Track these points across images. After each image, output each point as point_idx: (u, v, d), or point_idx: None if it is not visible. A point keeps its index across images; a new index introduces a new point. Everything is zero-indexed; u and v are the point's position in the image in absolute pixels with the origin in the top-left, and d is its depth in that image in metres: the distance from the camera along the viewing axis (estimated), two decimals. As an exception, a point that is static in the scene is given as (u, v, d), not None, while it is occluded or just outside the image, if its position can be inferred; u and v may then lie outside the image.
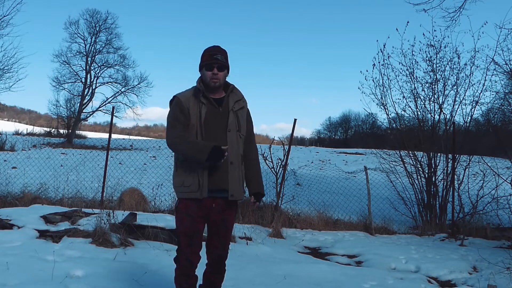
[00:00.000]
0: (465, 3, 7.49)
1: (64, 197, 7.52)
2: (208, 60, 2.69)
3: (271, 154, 7.58)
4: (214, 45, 2.81)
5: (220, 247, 2.77)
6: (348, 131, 61.76)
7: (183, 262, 2.69)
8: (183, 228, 2.71)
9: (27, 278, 3.47)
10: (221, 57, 2.70)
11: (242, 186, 2.76)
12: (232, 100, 2.76)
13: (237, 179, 2.69)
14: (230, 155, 2.64)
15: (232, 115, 2.72)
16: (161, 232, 5.15)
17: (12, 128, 34.63)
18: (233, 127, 2.70)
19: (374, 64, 8.16)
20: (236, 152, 2.69)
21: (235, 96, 2.79)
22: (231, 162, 2.66)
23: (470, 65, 7.75)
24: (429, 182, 7.81)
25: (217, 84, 2.69)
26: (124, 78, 34.95)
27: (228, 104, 2.74)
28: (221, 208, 2.70)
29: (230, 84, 2.82)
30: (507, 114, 8.40)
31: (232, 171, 2.66)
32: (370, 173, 8.03)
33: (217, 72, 2.67)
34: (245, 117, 2.82)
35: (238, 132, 2.73)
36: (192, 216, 2.67)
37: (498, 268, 4.74)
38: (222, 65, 2.69)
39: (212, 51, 2.73)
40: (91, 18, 34.03)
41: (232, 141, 2.68)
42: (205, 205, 2.65)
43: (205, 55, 2.73)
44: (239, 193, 2.72)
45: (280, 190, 7.48)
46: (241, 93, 2.84)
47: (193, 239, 2.70)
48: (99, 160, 12.38)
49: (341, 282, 4.24)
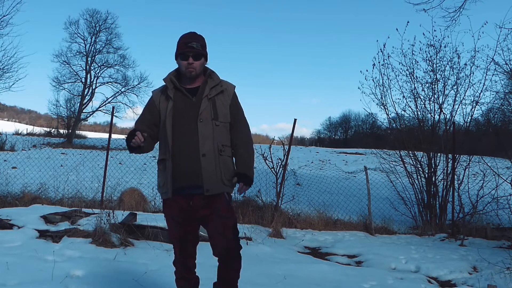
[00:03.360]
0: (465, 3, 7.51)
1: (64, 197, 7.52)
2: (182, 48, 2.52)
3: (271, 154, 7.58)
4: (190, 31, 2.61)
5: (221, 239, 2.54)
6: (348, 131, 61.80)
7: (179, 267, 2.65)
8: (172, 233, 2.64)
9: (27, 278, 3.47)
10: (197, 44, 2.52)
11: (222, 178, 2.52)
12: (208, 87, 2.58)
13: (213, 172, 2.48)
14: (201, 147, 2.46)
15: (206, 103, 2.53)
16: (161, 232, 5.14)
17: (12, 128, 34.66)
18: (206, 116, 2.51)
19: (374, 64, 8.16)
20: (210, 143, 2.49)
21: (212, 82, 2.60)
22: (203, 155, 2.46)
23: (470, 65, 7.75)
24: (429, 182, 7.81)
25: (193, 74, 2.54)
26: (124, 78, 35.05)
27: (204, 91, 2.56)
28: (204, 202, 2.51)
29: (207, 70, 2.64)
30: (507, 114, 8.40)
31: (205, 164, 2.46)
32: (370, 173, 8.03)
33: (193, 61, 2.51)
34: (227, 102, 2.61)
35: (213, 121, 2.52)
36: (176, 220, 2.57)
37: (498, 268, 4.74)
38: (197, 54, 2.52)
39: (187, 38, 2.54)
40: (91, 18, 34.12)
41: (205, 132, 2.49)
42: (183, 205, 2.51)
43: (180, 43, 2.55)
44: (217, 187, 2.50)
45: (280, 190, 7.48)
46: (219, 78, 2.65)
47: (184, 243, 2.61)
48: (99, 160, 12.38)
49: (341, 282, 4.24)
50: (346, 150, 35.33)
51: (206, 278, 2.76)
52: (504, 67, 7.29)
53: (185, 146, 2.49)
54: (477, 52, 7.58)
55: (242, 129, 2.67)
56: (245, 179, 2.60)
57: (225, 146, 2.57)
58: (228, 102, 2.61)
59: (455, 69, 7.88)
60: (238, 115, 2.66)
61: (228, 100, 2.62)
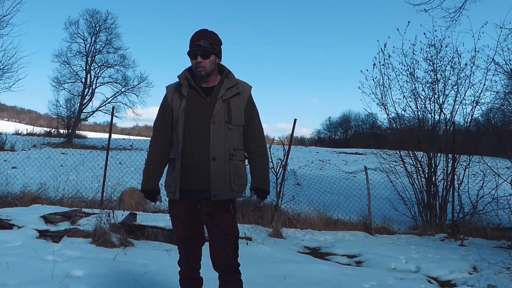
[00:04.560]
0: (465, 3, 7.50)
1: (64, 197, 7.53)
2: (191, 47, 2.45)
3: (271, 154, 7.57)
4: (201, 29, 2.51)
5: (220, 254, 2.50)
6: (348, 131, 61.84)
7: (184, 268, 2.61)
8: (178, 233, 2.58)
9: (27, 278, 3.47)
10: (204, 42, 2.42)
11: (231, 184, 2.45)
12: (224, 87, 2.48)
13: (222, 177, 2.40)
14: (212, 151, 2.39)
15: (221, 104, 2.44)
16: (161, 232, 5.14)
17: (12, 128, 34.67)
18: (219, 118, 2.42)
19: (375, 64, 8.16)
20: (221, 147, 2.41)
21: (228, 82, 2.50)
22: (214, 158, 2.38)
23: (471, 65, 7.74)
24: (429, 182, 7.81)
25: (203, 73, 2.44)
26: (124, 78, 35.08)
27: (219, 92, 2.47)
28: (209, 210, 2.46)
29: (225, 69, 2.55)
30: (507, 114, 8.40)
31: (215, 169, 2.39)
32: (370, 173, 8.03)
33: (201, 60, 2.41)
34: (243, 104, 2.51)
35: (226, 124, 2.43)
36: (182, 220, 2.53)
37: (498, 268, 4.74)
38: (206, 52, 2.42)
39: (195, 36, 2.46)
40: (91, 18, 34.15)
41: (217, 135, 2.40)
42: (189, 206, 2.48)
43: (190, 41, 2.47)
44: (225, 192, 2.42)
45: (280, 190, 7.48)
46: (235, 79, 2.55)
47: (190, 244, 2.56)
48: (99, 160, 12.38)
49: (341, 282, 4.24)
50: (346, 150, 35.34)
51: (210, 279, 2.76)
52: (504, 67, 7.30)
53: (196, 148, 2.43)
54: (478, 52, 7.59)
55: (258, 135, 2.59)
56: (262, 193, 2.56)
57: (237, 150, 2.49)
58: (243, 105, 2.52)
59: (455, 69, 7.89)
60: (253, 119, 2.57)
61: (244, 102, 2.52)
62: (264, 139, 2.69)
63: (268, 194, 2.60)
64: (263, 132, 2.66)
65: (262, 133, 2.66)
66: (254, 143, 2.56)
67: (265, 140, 2.69)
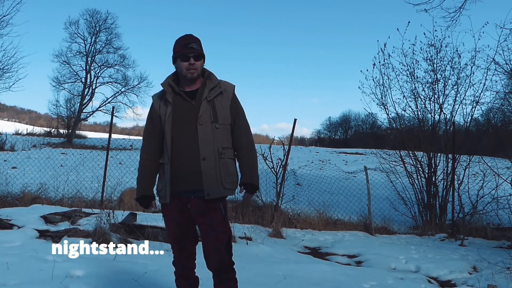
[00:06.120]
0: (465, 3, 7.49)
1: (64, 197, 7.53)
2: (182, 50, 2.50)
3: (271, 154, 7.59)
4: (186, 34, 2.60)
5: (213, 252, 2.53)
6: (348, 131, 61.84)
7: (178, 268, 2.64)
8: (171, 233, 2.61)
9: (27, 278, 3.47)
10: (196, 45, 2.51)
11: (222, 182, 2.49)
12: (207, 89, 2.54)
13: (213, 176, 2.46)
14: (201, 151, 2.45)
15: (206, 105, 2.50)
16: (161, 232, 5.14)
17: (12, 128, 34.71)
18: (206, 118, 2.49)
19: (375, 64, 8.17)
20: (210, 147, 2.47)
21: (210, 83, 2.56)
22: (204, 158, 2.44)
23: (471, 65, 7.75)
24: (429, 182, 7.81)
25: (194, 75, 2.52)
26: (124, 78, 35.12)
27: (203, 94, 2.53)
28: (200, 209, 2.49)
29: (206, 71, 2.61)
30: (507, 114, 8.40)
31: (206, 168, 2.45)
32: (370, 173, 8.03)
33: (194, 62, 2.49)
34: (227, 103, 2.57)
35: (213, 124, 2.49)
36: (176, 220, 2.57)
37: (498, 268, 4.74)
38: (198, 54, 2.51)
39: (186, 39, 2.54)
40: (91, 18, 34.21)
41: (205, 135, 2.46)
42: (181, 206, 2.52)
43: (178, 45, 2.54)
44: (218, 191, 2.48)
45: (280, 190, 7.48)
46: (217, 79, 2.61)
47: (183, 243, 2.59)
48: (99, 160, 12.37)
49: (341, 282, 4.24)
50: (346, 150, 35.37)
51: (206, 278, 2.76)
52: (504, 67, 7.31)
53: (185, 150, 2.48)
54: (478, 52, 7.61)
55: (244, 132, 2.63)
56: (251, 188, 2.59)
57: (226, 148, 2.54)
58: (227, 103, 2.58)
59: (455, 69, 7.90)
60: (238, 117, 2.62)
61: (228, 101, 2.58)
62: (251, 136, 2.71)
63: (257, 189, 2.62)
64: (249, 129, 2.70)
65: (249, 130, 2.69)
66: (241, 141, 2.61)
67: (252, 137, 2.71)
